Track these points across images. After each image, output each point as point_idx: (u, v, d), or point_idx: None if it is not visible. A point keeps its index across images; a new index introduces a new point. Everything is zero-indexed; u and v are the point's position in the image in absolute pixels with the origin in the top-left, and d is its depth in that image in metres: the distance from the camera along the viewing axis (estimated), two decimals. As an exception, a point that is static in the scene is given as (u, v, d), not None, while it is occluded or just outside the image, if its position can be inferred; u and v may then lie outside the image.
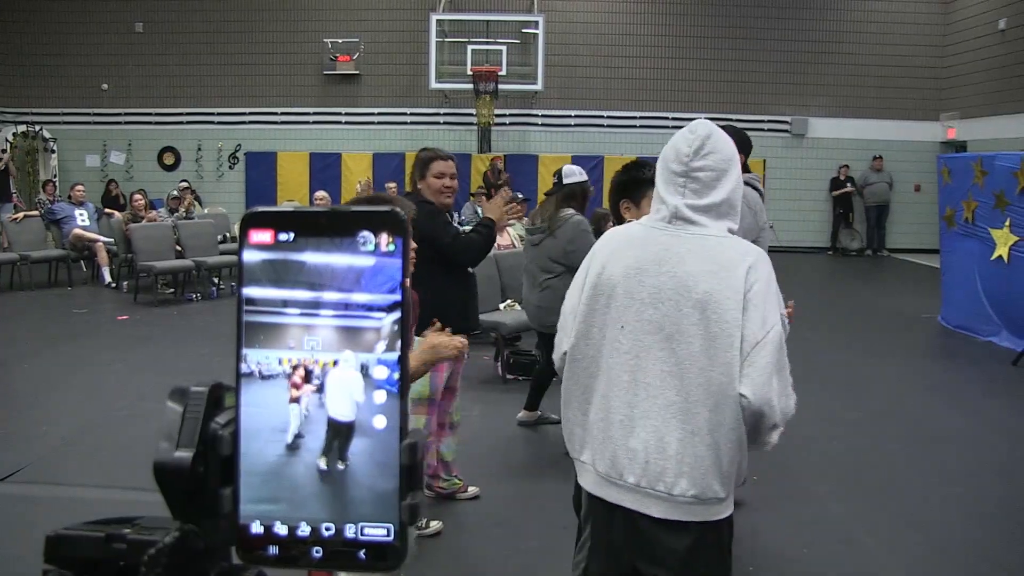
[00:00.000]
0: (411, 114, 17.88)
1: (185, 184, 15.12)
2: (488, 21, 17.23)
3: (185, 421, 0.69)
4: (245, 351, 0.70)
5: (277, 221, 0.69)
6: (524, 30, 17.22)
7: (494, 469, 5.39)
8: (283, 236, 0.69)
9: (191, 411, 0.70)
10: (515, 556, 4.33)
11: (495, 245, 4.90)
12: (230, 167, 18.28)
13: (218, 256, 12.23)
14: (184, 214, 13.25)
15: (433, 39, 16.83)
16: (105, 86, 18.09)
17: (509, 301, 7.86)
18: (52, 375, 7.77)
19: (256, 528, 0.69)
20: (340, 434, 0.69)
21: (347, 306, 0.69)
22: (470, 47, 16.86)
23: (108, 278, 12.64)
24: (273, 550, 0.69)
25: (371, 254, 0.69)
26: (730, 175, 2.30)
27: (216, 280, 12.07)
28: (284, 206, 0.78)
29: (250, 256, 0.69)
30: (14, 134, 17.27)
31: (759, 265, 2.21)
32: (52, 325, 10.07)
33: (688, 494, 2.18)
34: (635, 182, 3.61)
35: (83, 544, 0.73)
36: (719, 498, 2.21)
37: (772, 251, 3.28)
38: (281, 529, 0.69)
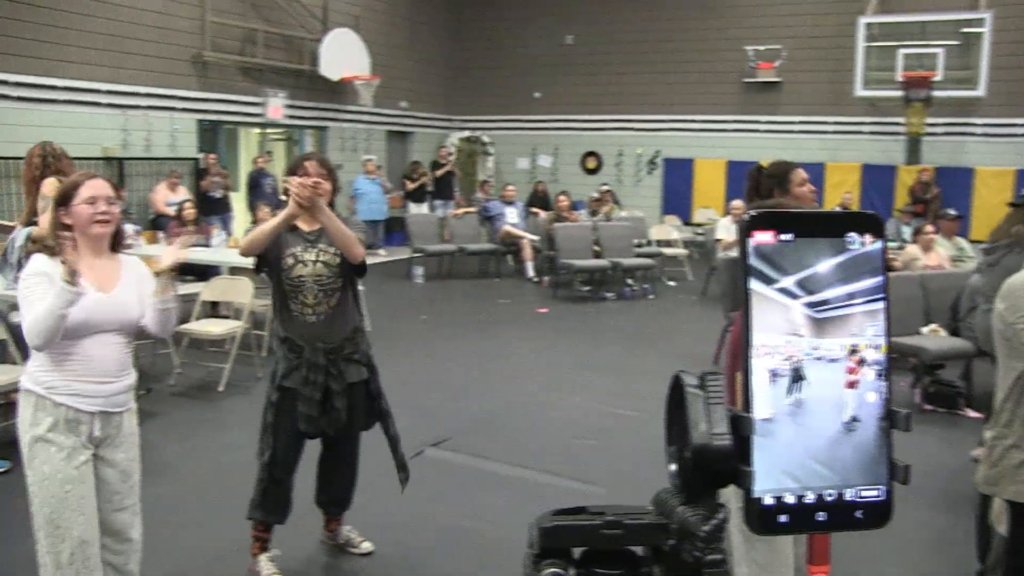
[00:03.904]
0: (833, 123, 17.22)
1: (606, 187, 15.88)
2: (924, 22, 16.08)
3: (711, 406, 0.79)
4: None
5: (778, 223, 0.80)
6: (964, 30, 15.84)
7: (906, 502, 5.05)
8: (784, 236, 0.79)
9: (712, 396, 0.79)
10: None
11: (922, 265, 4.59)
12: (648, 172, 18.87)
13: (633, 258, 12.67)
14: (604, 217, 13.94)
15: (861, 44, 16.03)
16: (537, 94, 19.51)
17: (933, 326, 7.31)
18: (476, 357, 8.57)
19: (768, 500, 0.79)
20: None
21: (850, 296, 0.79)
22: (901, 51, 15.84)
23: (531, 272, 13.64)
24: (783, 518, 0.80)
25: (859, 250, 0.80)
26: None
27: (630, 281, 12.52)
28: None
29: (754, 252, 0.80)
30: (460, 139, 19.45)
31: None
32: (480, 312, 11.11)
33: None
34: None
35: (575, 533, 0.87)
36: None
37: None
38: (790, 499, 0.79)
